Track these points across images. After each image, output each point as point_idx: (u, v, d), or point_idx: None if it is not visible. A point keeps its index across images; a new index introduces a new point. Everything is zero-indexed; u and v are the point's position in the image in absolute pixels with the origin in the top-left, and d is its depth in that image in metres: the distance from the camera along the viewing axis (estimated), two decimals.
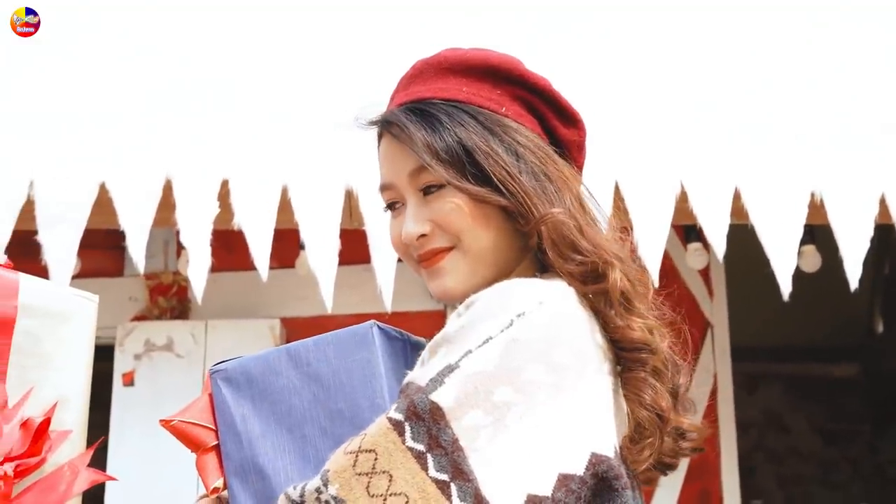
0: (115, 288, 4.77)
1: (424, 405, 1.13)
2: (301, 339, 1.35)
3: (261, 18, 3.65)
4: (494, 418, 1.12)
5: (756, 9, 3.63)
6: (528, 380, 1.14)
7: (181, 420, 1.42)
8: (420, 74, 1.40)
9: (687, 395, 1.35)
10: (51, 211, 3.13)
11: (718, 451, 5.08)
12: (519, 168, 1.30)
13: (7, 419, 1.44)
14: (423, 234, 1.34)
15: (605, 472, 1.16)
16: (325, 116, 3.36)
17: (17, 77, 3.40)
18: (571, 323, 1.20)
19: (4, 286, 1.49)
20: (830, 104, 3.34)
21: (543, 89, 1.38)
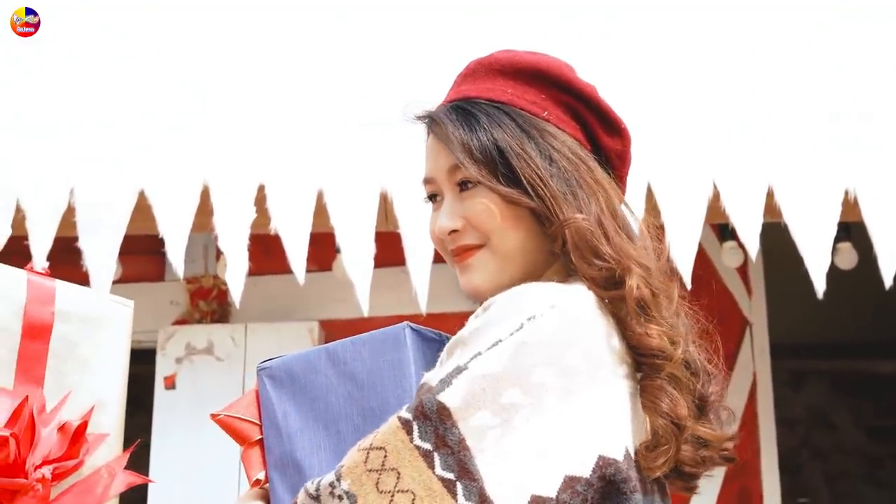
0: (156, 292, 4.81)
1: (432, 405, 1.15)
2: (340, 340, 1.39)
3: (290, 24, 3.68)
4: (502, 419, 1.14)
5: (787, 8, 3.61)
6: (537, 382, 1.16)
7: (228, 414, 1.47)
8: (472, 74, 1.43)
9: (719, 405, 1.35)
10: (91, 217, 3.19)
11: (758, 450, 5.04)
12: (550, 172, 1.31)
13: (45, 423, 1.47)
14: (455, 230, 1.37)
15: (612, 475, 1.18)
16: (359, 120, 3.39)
17: (54, 86, 3.45)
18: (583, 327, 1.22)
19: (42, 293, 1.52)
20: (862, 101, 3.32)
21: (589, 97, 1.39)
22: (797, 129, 3.29)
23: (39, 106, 3.40)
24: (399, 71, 3.46)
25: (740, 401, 5.09)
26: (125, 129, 3.36)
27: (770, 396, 5.21)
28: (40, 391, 1.49)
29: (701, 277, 4.77)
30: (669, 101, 3.41)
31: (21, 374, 1.48)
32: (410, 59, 3.53)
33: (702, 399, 1.31)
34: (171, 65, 3.55)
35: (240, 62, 3.55)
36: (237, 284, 3.17)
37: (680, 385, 1.25)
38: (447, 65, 3.38)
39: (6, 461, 1.38)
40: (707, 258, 4.86)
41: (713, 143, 3.27)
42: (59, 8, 3.63)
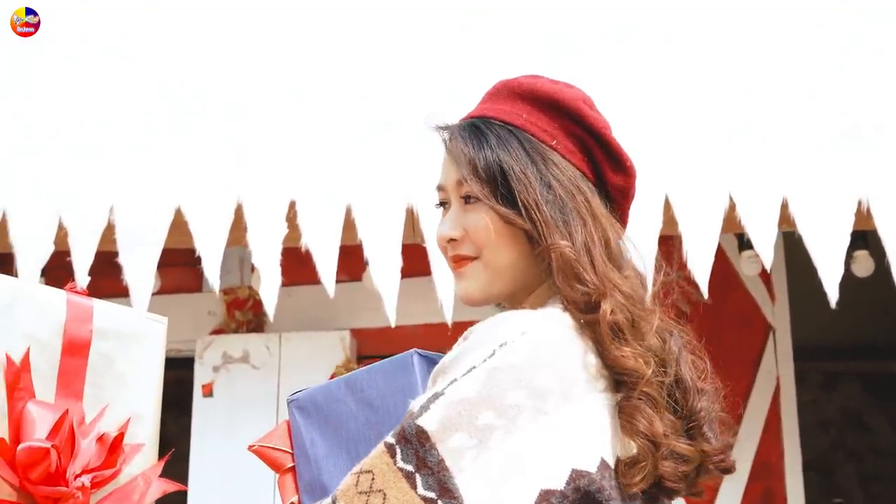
0: (193, 303, 4.86)
1: (412, 429, 1.20)
2: (357, 369, 1.47)
3: (318, 47, 3.70)
4: (478, 440, 1.19)
5: (802, 22, 3.61)
6: (510, 404, 1.20)
7: (262, 445, 1.55)
8: (496, 94, 1.47)
9: (713, 418, 1.37)
10: (130, 234, 3.24)
11: (782, 452, 5.03)
12: (546, 198, 1.35)
13: (84, 434, 1.52)
14: (454, 239, 1.42)
15: (586, 486, 1.21)
16: (385, 139, 3.43)
17: (94, 109, 3.50)
18: (554, 349, 1.26)
19: (80, 311, 1.57)
20: (875, 113, 3.31)
21: (599, 132, 1.42)
22: (811, 140, 3.29)
23: (79, 127, 3.45)
24: (425, 92, 3.48)
25: (764, 404, 5.08)
26: (162, 150, 3.40)
27: (793, 400, 5.19)
28: (80, 405, 1.53)
29: (722, 285, 4.84)
30: (686, 114, 3.41)
31: (61, 388, 1.52)
32: (436, 79, 3.56)
33: (691, 414, 1.34)
34: (206, 89, 3.59)
35: (271, 86, 3.59)
36: (271, 298, 3.22)
37: (656, 404, 1.28)
38: (473, 81, 3.44)
39: (48, 471, 1.42)
40: (730, 265, 4.86)
41: (729, 156, 3.27)
42: (103, 36, 3.70)
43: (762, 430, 5.04)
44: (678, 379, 1.34)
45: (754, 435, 4.99)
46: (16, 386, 1.45)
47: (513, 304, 1.44)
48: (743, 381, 5.08)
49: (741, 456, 4.94)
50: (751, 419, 5.03)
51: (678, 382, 1.34)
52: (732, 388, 4.38)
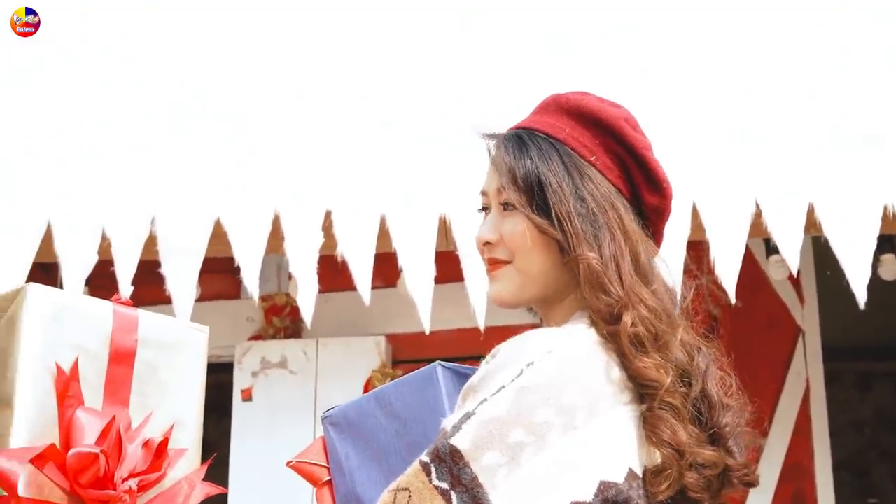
0: (232, 309, 4.90)
1: (445, 449, 1.23)
2: (385, 384, 1.50)
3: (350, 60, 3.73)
4: (510, 457, 1.21)
5: (827, 27, 3.61)
6: (540, 421, 1.23)
7: (299, 461, 1.59)
8: (545, 106, 1.50)
9: (739, 433, 1.39)
10: (171, 245, 3.28)
11: (812, 453, 5.01)
12: (579, 211, 1.37)
13: (131, 440, 1.55)
14: (489, 242, 1.45)
15: (614, 496, 1.24)
16: (418, 150, 3.46)
17: (135, 125, 3.55)
18: (579, 366, 1.28)
19: (126, 322, 1.60)
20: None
21: (637, 152, 1.43)
22: (836, 146, 3.28)
23: (122, 142, 3.50)
24: (458, 106, 3.50)
25: (794, 406, 5.06)
26: (201, 163, 3.44)
27: (823, 401, 5.17)
28: (126, 411, 1.56)
29: (750, 289, 4.83)
30: (712, 122, 3.42)
31: (108, 396, 1.55)
32: (469, 93, 3.57)
33: (716, 428, 1.36)
34: (245, 105, 3.63)
35: (307, 101, 3.61)
36: (308, 306, 3.25)
37: (679, 414, 1.30)
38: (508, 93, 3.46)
39: (97, 475, 1.45)
40: (759, 269, 4.85)
41: (755, 162, 3.27)
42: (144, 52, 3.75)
43: (792, 432, 5.02)
44: (704, 394, 1.36)
45: (784, 436, 4.98)
46: (66, 394, 1.48)
47: (544, 309, 1.47)
48: (773, 383, 5.07)
49: (771, 458, 4.92)
50: (781, 421, 5.01)
51: (704, 397, 1.36)
52: (762, 389, 4.39)
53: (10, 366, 1.47)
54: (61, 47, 3.74)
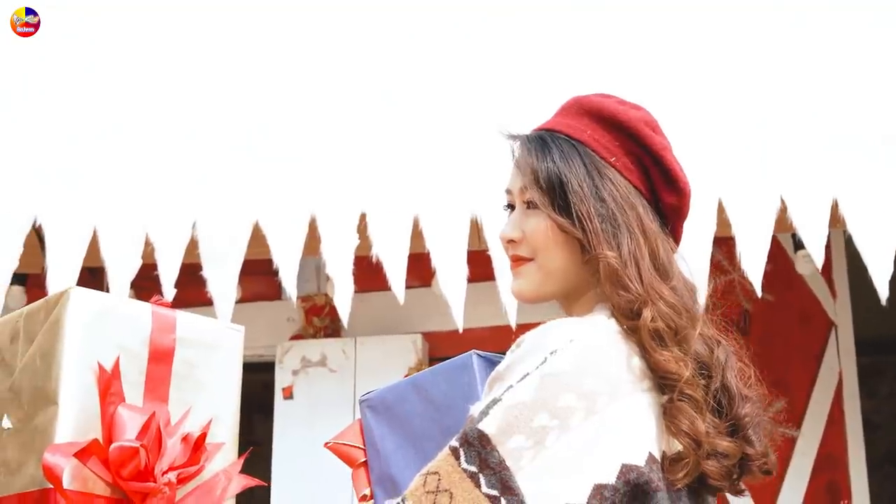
0: (273, 310, 4.95)
1: (473, 433, 1.26)
2: (423, 370, 1.54)
3: (380, 65, 3.76)
4: (535, 441, 1.24)
5: (851, 24, 3.59)
6: (563, 406, 1.25)
7: (337, 442, 1.64)
8: (568, 108, 1.53)
9: (758, 423, 1.41)
10: (213, 249, 3.33)
11: (846, 445, 4.98)
12: (598, 211, 1.40)
13: (170, 435, 1.59)
14: (512, 240, 1.47)
15: (636, 479, 1.26)
16: (450, 152, 3.48)
17: (175, 132, 3.60)
18: (600, 354, 1.30)
19: (165, 322, 1.64)
20: None
21: (655, 153, 1.45)
22: (859, 142, 3.27)
23: (164, 149, 3.55)
24: (489, 108, 3.52)
25: (826, 398, 5.04)
26: (240, 168, 3.48)
27: (856, 394, 5.13)
28: (165, 407, 1.60)
29: (780, 283, 4.81)
30: (737, 120, 3.42)
31: (148, 393, 1.60)
32: (501, 95, 3.59)
33: (736, 419, 1.37)
34: (280, 112, 3.67)
35: (340, 108, 3.65)
36: (344, 306, 3.29)
37: (698, 405, 1.32)
38: (541, 93, 3.47)
39: (138, 468, 1.50)
40: (791, 264, 4.83)
41: (780, 159, 3.27)
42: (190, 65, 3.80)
43: (825, 424, 5.00)
44: (724, 385, 1.38)
45: (817, 428, 4.96)
46: (107, 391, 1.53)
47: (565, 304, 1.49)
48: (805, 377, 5.05)
49: (805, 449, 4.91)
50: (814, 413, 4.99)
51: (724, 389, 1.38)
52: (795, 382, 4.37)
53: (55, 365, 1.52)
54: (106, 52, 3.79)
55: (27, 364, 1.59)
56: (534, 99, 3.55)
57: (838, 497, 4.91)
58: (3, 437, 1.59)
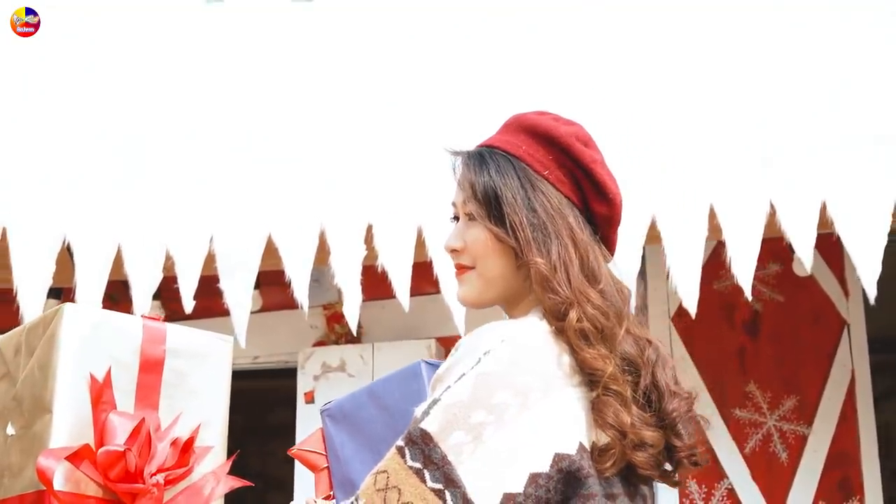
0: (297, 318, 4.96)
1: (417, 433, 1.33)
2: (377, 380, 1.63)
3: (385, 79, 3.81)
4: (473, 436, 1.31)
5: (834, 28, 3.59)
6: (498, 402, 1.32)
7: (300, 449, 1.72)
8: (508, 126, 1.60)
9: (686, 418, 1.47)
10: (229, 262, 3.40)
11: (858, 442, 4.96)
12: (530, 221, 1.47)
13: (160, 439, 1.67)
14: (455, 249, 1.55)
15: (567, 466, 1.33)
16: (450, 165, 3.51)
17: (193, 151, 3.67)
18: (531, 352, 1.38)
19: (155, 334, 1.72)
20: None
21: (585, 166, 1.52)
22: (847, 147, 3.27)
23: (181, 169, 3.63)
24: (488, 121, 3.56)
25: (839, 396, 5.01)
26: (252, 185, 3.56)
27: (869, 392, 5.10)
28: (155, 414, 1.69)
29: (797, 282, 4.81)
30: (726, 128, 3.43)
31: (139, 400, 1.68)
32: (497, 108, 3.63)
33: (664, 413, 1.44)
34: (290, 129, 3.73)
35: (347, 125, 3.71)
36: (353, 313, 3.35)
37: (624, 399, 1.38)
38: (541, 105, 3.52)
39: (126, 470, 1.58)
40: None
41: (768, 165, 3.28)
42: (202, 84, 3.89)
43: (837, 421, 4.98)
44: (654, 382, 1.44)
45: (829, 425, 4.94)
46: (99, 400, 1.61)
47: (507, 308, 1.56)
48: (817, 374, 5.04)
49: (816, 446, 4.90)
50: (826, 410, 4.97)
51: (654, 385, 1.44)
52: (807, 381, 4.35)
53: (50, 376, 1.61)
54: (115, 70, 3.86)
55: (28, 375, 1.68)
56: (537, 108, 3.60)
57: (851, 493, 4.89)
58: (8, 443, 1.68)
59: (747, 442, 4.84)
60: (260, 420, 7.49)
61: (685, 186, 3.25)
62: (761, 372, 5.01)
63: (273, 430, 6.37)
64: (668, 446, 1.45)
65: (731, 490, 4.72)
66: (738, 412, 4.90)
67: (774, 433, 4.91)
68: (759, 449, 4.84)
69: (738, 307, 4.89)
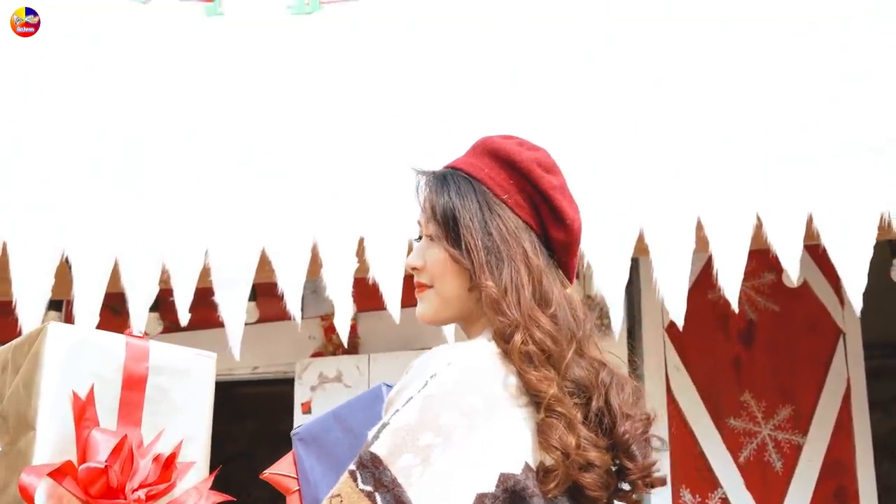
0: (295, 328, 4.99)
1: (367, 456, 1.36)
2: (342, 403, 1.66)
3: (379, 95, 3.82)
4: (422, 458, 1.33)
5: (822, 40, 3.61)
6: (445, 424, 1.35)
7: (272, 472, 1.76)
8: (474, 148, 1.62)
9: (641, 439, 1.49)
10: (223, 275, 3.43)
11: (853, 451, 4.97)
12: (485, 243, 1.49)
13: (143, 455, 1.69)
14: (416, 268, 1.57)
15: (513, 486, 1.35)
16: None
17: (189, 166, 3.69)
18: (477, 374, 1.40)
19: (138, 352, 1.74)
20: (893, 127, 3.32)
21: (544, 192, 1.54)
22: (833, 159, 3.29)
23: (177, 184, 3.65)
24: (474, 134, 3.59)
25: (835, 405, 5.03)
26: (246, 199, 3.57)
27: (864, 400, 5.12)
28: (138, 430, 1.71)
29: (793, 291, 4.82)
30: (714, 140, 3.45)
31: (122, 417, 1.70)
32: (488, 124, 3.66)
33: (616, 436, 1.46)
34: (283, 144, 3.75)
35: (338, 140, 3.73)
36: (344, 325, 3.37)
37: (570, 421, 1.40)
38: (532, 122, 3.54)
39: (108, 486, 1.61)
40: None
41: (755, 177, 3.29)
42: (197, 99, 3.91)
43: (833, 430, 4.99)
44: (607, 404, 1.46)
45: (825, 434, 4.95)
46: (82, 417, 1.63)
47: (464, 327, 1.58)
48: (813, 383, 5.05)
49: (811, 455, 4.91)
50: (821, 419, 4.99)
51: (607, 407, 1.46)
52: (802, 390, 4.34)
53: (34, 394, 1.63)
54: (113, 86, 3.88)
55: (13, 392, 1.70)
56: (529, 125, 3.62)
57: (846, 502, 4.90)
58: None
59: (741, 451, 4.85)
60: (272, 426, 7.50)
61: (673, 199, 3.27)
62: (756, 381, 5.02)
63: (286, 437, 6.37)
64: (621, 468, 1.47)
65: (724, 499, 4.72)
66: (732, 421, 4.91)
67: (769, 442, 4.92)
68: (754, 458, 4.85)
69: (732, 317, 4.90)
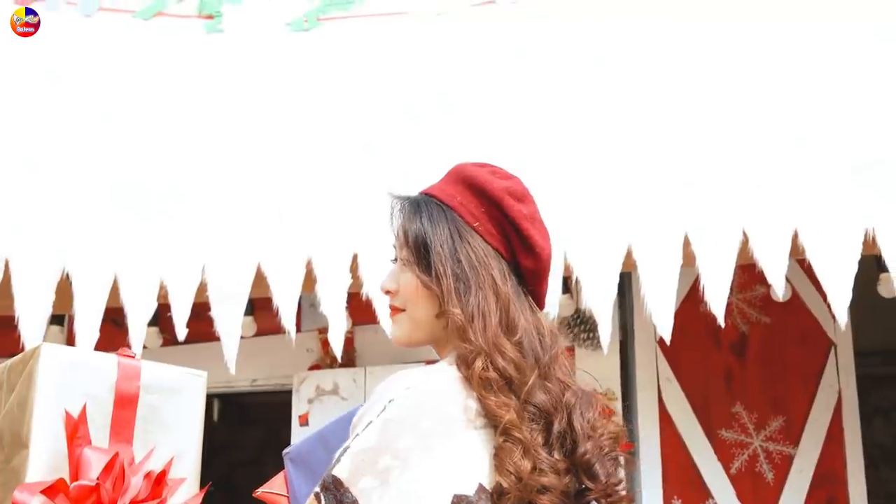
0: (292, 342, 5.08)
1: (329, 479, 1.40)
2: (328, 423, 1.70)
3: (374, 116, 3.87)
4: (381, 480, 1.38)
5: (810, 59, 3.64)
6: (402, 447, 1.39)
7: (264, 491, 1.79)
8: (448, 175, 1.65)
9: (605, 459, 1.51)
10: (220, 291, 3.45)
11: (844, 462, 4.99)
12: (454, 270, 1.52)
13: (134, 472, 1.73)
14: (389, 291, 1.61)
15: None
16: None
17: (186, 183, 3.74)
18: (435, 397, 1.44)
19: (129, 371, 1.79)
20: (879, 149, 3.33)
21: (514, 221, 1.57)
22: (819, 175, 3.32)
23: (175, 201, 3.69)
24: (474, 152, 3.63)
25: (826, 416, 5.04)
26: (243, 216, 3.60)
27: (856, 411, 5.13)
28: (129, 448, 1.75)
29: (785, 304, 4.84)
30: (701, 157, 3.48)
31: (114, 435, 1.75)
32: (487, 143, 3.68)
33: (577, 457, 1.49)
34: (277, 164, 3.79)
35: (334, 158, 3.77)
36: (338, 340, 3.41)
37: (525, 446, 1.42)
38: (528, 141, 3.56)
39: (99, 503, 1.65)
40: (792, 287, 4.85)
41: (742, 194, 3.32)
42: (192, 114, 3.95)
43: (824, 441, 5.00)
44: (570, 426, 1.49)
45: (816, 445, 4.96)
46: (74, 435, 1.68)
47: (436, 348, 1.62)
48: (804, 395, 5.07)
49: (802, 466, 4.92)
50: (812, 430, 4.99)
51: (570, 429, 1.49)
52: (794, 401, 4.35)
53: (28, 413, 1.67)
54: (112, 106, 3.92)
55: (8, 411, 1.74)
56: (517, 143, 3.66)
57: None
58: None
59: (733, 462, 4.87)
60: (277, 434, 7.53)
61: (660, 215, 3.30)
62: (748, 393, 5.04)
63: None
64: (582, 489, 1.50)
65: None
66: (724, 433, 4.93)
67: (761, 453, 4.93)
68: (746, 469, 4.87)
69: (724, 329, 4.93)
